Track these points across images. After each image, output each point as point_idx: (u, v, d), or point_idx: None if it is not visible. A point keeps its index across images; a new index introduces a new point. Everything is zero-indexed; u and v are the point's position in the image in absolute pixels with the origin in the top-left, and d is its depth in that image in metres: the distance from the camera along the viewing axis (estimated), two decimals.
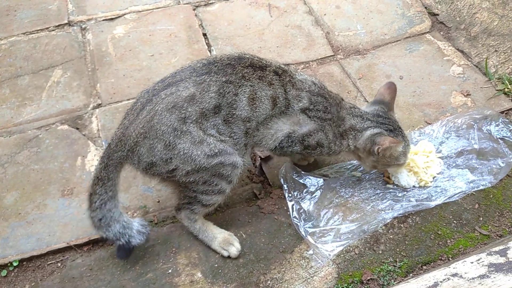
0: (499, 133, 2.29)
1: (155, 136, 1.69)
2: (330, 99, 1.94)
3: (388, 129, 1.95)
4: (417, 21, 3.00)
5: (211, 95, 1.72)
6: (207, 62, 1.81)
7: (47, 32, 2.91)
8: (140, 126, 1.70)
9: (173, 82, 1.75)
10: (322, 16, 3.04)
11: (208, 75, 1.75)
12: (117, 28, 2.93)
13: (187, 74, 1.76)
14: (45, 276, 1.89)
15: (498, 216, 2.05)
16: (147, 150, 1.71)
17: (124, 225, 1.81)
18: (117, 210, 1.82)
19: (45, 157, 2.27)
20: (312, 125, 1.88)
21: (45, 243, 1.97)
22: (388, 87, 2.06)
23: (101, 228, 1.80)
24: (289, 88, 1.85)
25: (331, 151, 1.96)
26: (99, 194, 1.77)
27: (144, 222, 1.89)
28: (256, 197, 2.15)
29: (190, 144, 1.69)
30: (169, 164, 1.72)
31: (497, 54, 2.73)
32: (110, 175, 1.77)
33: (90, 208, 1.79)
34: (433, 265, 1.90)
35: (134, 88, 2.58)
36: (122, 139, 1.74)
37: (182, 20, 2.99)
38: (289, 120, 1.86)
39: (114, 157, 1.76)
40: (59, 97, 2.54)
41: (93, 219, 1.80)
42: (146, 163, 1.74)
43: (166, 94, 1.71)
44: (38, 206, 2.09)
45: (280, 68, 1.87)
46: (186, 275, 1.88)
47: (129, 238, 1.81)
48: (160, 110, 1.69)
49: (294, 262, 1.92)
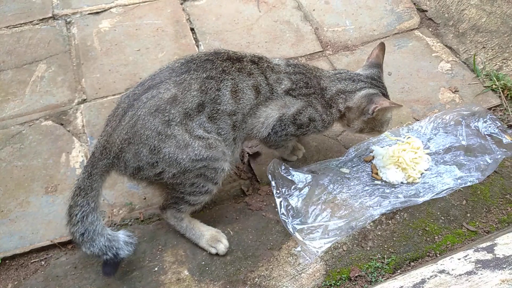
0: (487, 129, 2.30)
1: (140, 141, 1.66)
2: (308, 73, 1.94)
3: (382, 92, 1.96)
4: (406, 17, 3.00)
5: (193, 93, 1.70)
6: (185, 60, 1.79)
7: (31, 25, 2.84)
8: (124, 132, 1.67)
9: (153, 85, 1.71)
10: (311, 11, 3.02)
11: (188, 73, 1.73)
12: (102, 22, 2.88)
13: (166, 75, 1.73)
14: (28, 275, 1.85)
15: (486, 212, 2.06)
16: (133, 155, 1.68)
17: (109, 238, 1.71)
18: (100, 223, 1.72)
19: (28, 154, 2.22)
20: (299, 103, 1.88)
21: (28, 241, 1.93)
22: (381, 48, 2.07)
23: (85, 244, 1.68)
24: (269, 74, 1.85)
25: (325, 123, 1.96)
26: (81, 206, 1.68)
27: (128, 232, 1.79)
28: (244, 194, 2.13)
29: (175, 148, 1.67)
30: (155, 167, 1.69)
31: (485, 50, 2.74)
32: (93, 184, 1.71)
33: (70, 222, 1.69)
34: (421, 261, 1.90)
35: (120, 83, 2.54)
36: (107, 147, 1.70)
37: (169, 14, 2.95)
38: (277, 105, 1.85)
39: (99, 166, 1.71)
40: (43, 92, 2.49)
41: (74, 234, 1.68)
42: (133, 168, 1.70)
43: (147, 97, 1.67)
44: (21, 203, 2.04)
45: (256, 57, 1.88)
46: (173, 273, 1.86)
47: (117, 251, 1.70)
48: (143, 115, 1.66)
49: (282, 259, 1.90)
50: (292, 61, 2.00)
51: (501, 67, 2.65)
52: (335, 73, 2.01)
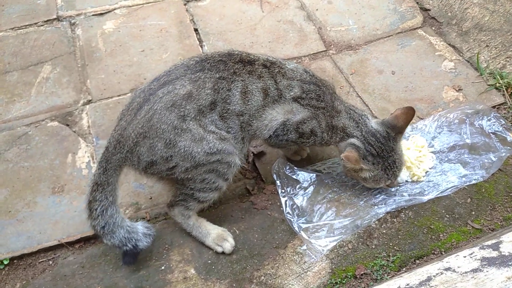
0: (491, 127, 2.30)
1: (156, 135, 1.68)
2: (323, 87, 1.92)
3: (371, 152, 1.88)
4: (408, 16, 3.00)
5: (207, 91, 1.73)
6: (200, 59, 1.81)
7: (36, 27, 2.86)
8: (140, 126, 1.69)
9: (169, 81, 1.74)
10: (314, 11, 3.03)
11: (202, 72, 1.76)
12: (107, 23, 2.89)
13: (181, 72, 1.76)
14: (36, 274, 1.87)
15: (490, 210, 2.06)
16: (147, 149, 1.70)
17: (128, 230, 1.76)
18: (119, 216, 1.78)
19: (34, 154, 2.23)
20: (306, 113, 1.88)
21: (36, 241, 1.94)
22: (405, 112, 1.89)
23: (105, 236, 1.75)
24: (280, 79, 1.84)
25: (323, 141, 1.95)
26: (100, 201, 1.73)
27: (147, 224, 1.85)
28: (249, 193, 2.14)
29: (191, 142, 1.69)
30: (169, 162, 1.71)
31: (488, 49, 2.74)
32: (109, 179, 1.74)
33: (90, 216, 1.74)
34: (426, 259, 1.91)
35: (125, 84, 2.56)
36: (121, 141, 1.72)
37: (173, 15, 2.96)
38: (283, 109, 1.86)
39: (113, 160, 1.73)
40: (49, 93, 2.51)
41: (96, 228, 1.75)
42: (146, 162, 1.72)
43: (164, 92, 1.70)
44: (28, 203, 2.06)
45: (268, 61, 1.88)
46: (179, 271, 1.87)
47: (136, 242, 1.76)
48: (159, 109, 1.68)
49: (287, 258, 1.91)
50: (311, 71, 1.95)
51: (504, 66, 2.65)
52: (350, 106, 1.97)
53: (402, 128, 1.92)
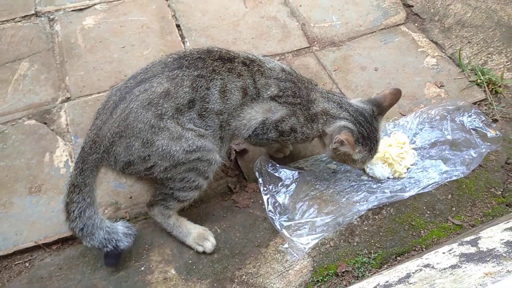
0: (472, 124, 2.31)
1: (132, 134, 1.65)
2: (299, 83, 1.90)
3: (362, 134, 1.87)
4: (392, 12, 3.00)
5: (185, 89, 1.69)
6: (178, 56, 1.78)
7: (13, 23, 2.79)
8: (115, 125, 1.65)
9: (146, 78, 1.70)
10: (297, 7, 3.01)
11: (180, 69, 1.72)
12: (86, 19, 2.84)
13: (159, 70, 1.72)
14: (12, 277, 1.83)
15: (471, 206, 2.08)
16: (124, 149, 1.66)
17: (108, 231, 1.74)
18: (98, 217, 1.74)
19: (11, 153, 2.18)
20: (284, 110, 1.85)
21: (11, 243, 1.90)
22: (393, 93, 1.94)
23: (85, 238, 1.72)
24: (258, 77, 1.82)
25: (304, 136, 1.92)
26: (77, 202, 1.70)
27: (127, 223, 1.82)
28: (231, 191, 2.12)
29: (169, 140, 1.66)
30: (147, 161, 1.68)
31: (470, 45, 2.76)
32: (86, 180, 1.70)
33: (68, 218, 1.71)
34: (407, 255, 1.92)
35: (105, 81, 2.51)
36: (96, 141, 1.68)
37: (154, 11, 2.92)
38: (262, 109, 1.83)
39: (89, 161, 1.69)
40: (26, 90, 2.45)
41: (74, 230, 1.72)
42: (123, 162, 1.69)
43: (140, 90, 1.67)
44: (4, 204, 2.01)
45: (248, 59, 1.85)
46: (159, 272, 1.84)
47: (117, 243, 1.74)
48: (136, 108, 1.64)
49: (269, 256, 1.90)
50: (289, 68, 1.93)
51: (486, 62, 2.67)
52: (327, 91, 1.96)
53: (387, 108, 1.96)
